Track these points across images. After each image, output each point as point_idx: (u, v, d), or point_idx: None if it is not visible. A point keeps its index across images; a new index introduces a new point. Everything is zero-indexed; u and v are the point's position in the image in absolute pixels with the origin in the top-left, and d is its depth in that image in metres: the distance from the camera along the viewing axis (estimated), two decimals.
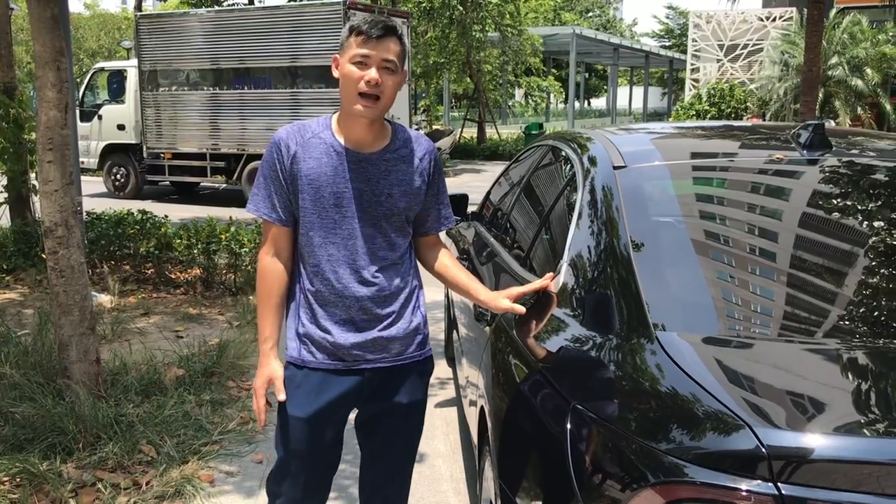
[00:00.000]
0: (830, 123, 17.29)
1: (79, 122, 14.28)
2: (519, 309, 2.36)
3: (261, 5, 17.68)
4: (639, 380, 1.82)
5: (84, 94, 15.28)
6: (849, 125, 18.67)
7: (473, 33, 21.09)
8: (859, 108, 19.77)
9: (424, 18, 21.39)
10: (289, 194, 2.21)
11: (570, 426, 1.82)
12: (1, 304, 6.57)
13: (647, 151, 2.91)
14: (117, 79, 15.14)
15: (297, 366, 2.28)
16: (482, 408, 2.62)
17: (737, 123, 3.60)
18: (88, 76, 15.72)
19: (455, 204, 4.36)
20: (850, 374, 1.81)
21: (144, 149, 14.58)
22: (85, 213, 7.30)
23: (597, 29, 45.36)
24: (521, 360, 2.30)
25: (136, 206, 8.17)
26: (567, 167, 2.96)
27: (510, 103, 41.98)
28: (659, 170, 2.67)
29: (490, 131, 25.01)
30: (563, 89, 33.48)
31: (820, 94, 17.17)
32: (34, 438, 3.73)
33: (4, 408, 3.94)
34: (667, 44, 50.09)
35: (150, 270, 7.41)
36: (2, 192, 7.69)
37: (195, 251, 6.99)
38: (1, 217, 7.81)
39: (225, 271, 7.07)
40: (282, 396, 2.26)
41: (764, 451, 1.46)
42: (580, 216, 2.48)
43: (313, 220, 2.20)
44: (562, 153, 3.14)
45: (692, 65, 24.46)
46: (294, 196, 2.21)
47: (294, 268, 2.30)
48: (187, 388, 4.50)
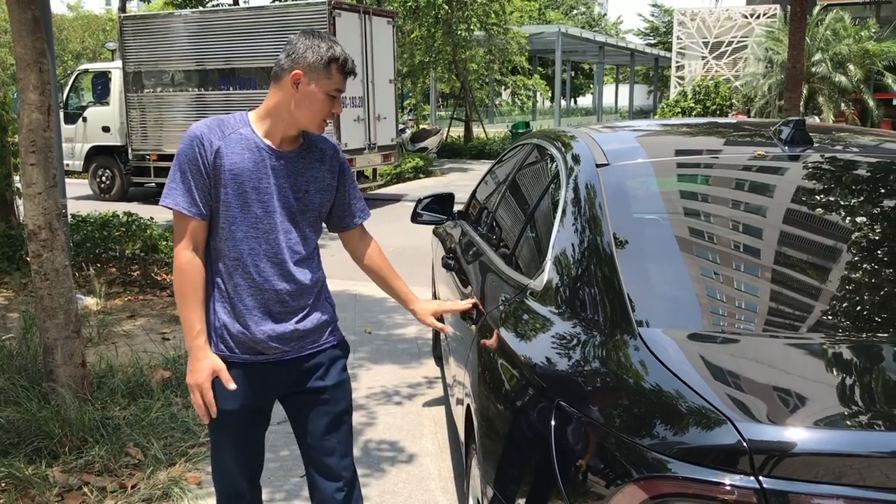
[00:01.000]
0: (815, 120, 17.39)
1: (63, 125, 14.23)
2: (442, 327, 2.71)
3: (245, 6, 17.64)
4: (622, 376, 1.83)
5: (68, 96, 15.18)
6: (833, 121, 18.77)
7: (459, 32, 21.07)
8: (843, 105, 19.86)
9: (410, 17, 21.35)
10: (210, 189, 2.24)
11: (554, 423, 1.83)
12: None
13: (630, 149, 2.92)
14: (102, 80, 15.05)
15: None
16: (468, 406, 2.63)
17: (720, 120, 3.63)
18: (72, 78, 15.62)
19: (441, 203, 4.37)
20: (832, 369, 1.82)
21: (130, 151, 14.49)
22: (70, 216, 7.26)
23: (582, 27, 45.38)
24: (506, 358, 2.31)
25: (121, 208, 8.14)
26: (551, 165, 2.97)
27: (497, 102, 42.01)
28: (642, 167, 2.68)
29: (477, 130, 25.01)
30: (549, 88, 33.51)
31: (804, 91, 17.26)
32: (19, 443, 3.71)
33: None
34: (652, 41, 50.20)
35: (137, 272, 7.38)
36: None
37: None
38: None
39: None
40: (232, 385, 2.28)
41: (745, 445, 1.47)
42: (564, 214, 2.49)
43: (236, 214, 2.25)
44: (546, 151, 3.15)
45: (677, 62, 24.53)
46: (215, 190, 2.24)
47: (208, 262, 2.32)
48: (174, 390, 4.49)
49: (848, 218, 2.42)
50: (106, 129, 14.80)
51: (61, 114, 14.21)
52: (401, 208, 12.50)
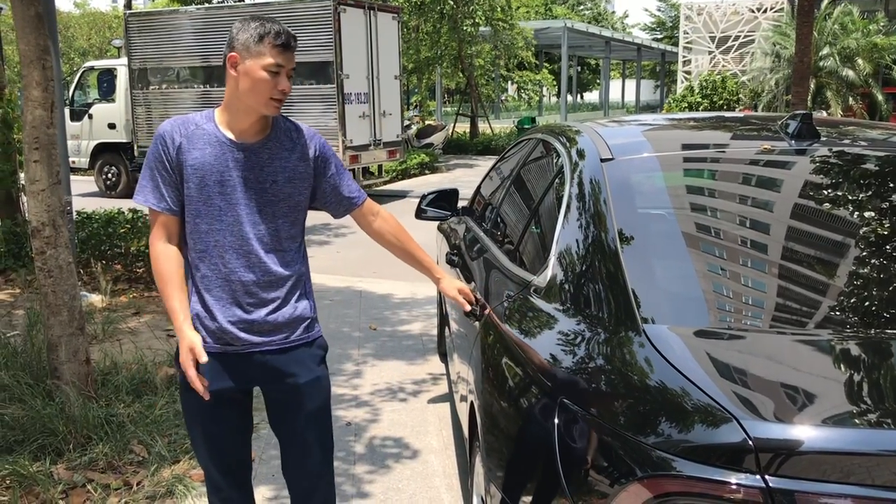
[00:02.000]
0: (821, 114, 17.30)
1: (69, 122, 14.25)
2: (462, 302, 2.64)
3: (250, 2, 17.59)
4: (627, 374, 1.81)
5: (74, 93, 15.21)
6: (840, 116, 18.68)
7: (464, 28, 21.03)
8: (851, 99, 19.78)
9: (415, 13, 21.32)
10: (177, 183, 2.28)
11: (557, 421, 1.81)
12: None
13: (635, 143, 2.90)
14: (107, 77, 15.07)
15: None
16: (472, 403, 2.61)
17: (726, 114, 3.59)
18: (78, 75, 15.64)
19: (445, 199, 4.35)
20: (839, 366, 1.80)
21: (135, 147, 14.51)
22: (75, 213, 7.27)
23: (588, 22, 45.29)
24: (510, 355, 2.29)
25: (127, 205, 8.13)
26: (555, 160, 2.95)
27: (503, 98, 41.94)
28: (647, 162, 2.66)
29: (483, 126, 24.98)
30: (555, 83, 33.43)
31: (811, 85, 17.19)
32: (24, 440, 3.71)
33: None
34: (658, 36, 50.09)
35: (142, 269, 7.38)
36: None
37: None
38: None
39: None
40: (204, 358, 2.26)
41: (751, 443, 1.45)
42: (568, 210, 2.46)
43: (199, 207, 2.28)
44: (550, 146, 3.13)
45: (684, 57, 24.46)
46: (181, 185, 2.28)
47: (183, 253, 2.36)
48: (178, 388, 4.46)
49: (856, 212, 2.39)
50: (112, 126, 14.82)
51: (67, 111, 14.24)
52: (406, 204, 12.48)
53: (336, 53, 12.42)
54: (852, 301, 2.07)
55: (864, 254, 2.23)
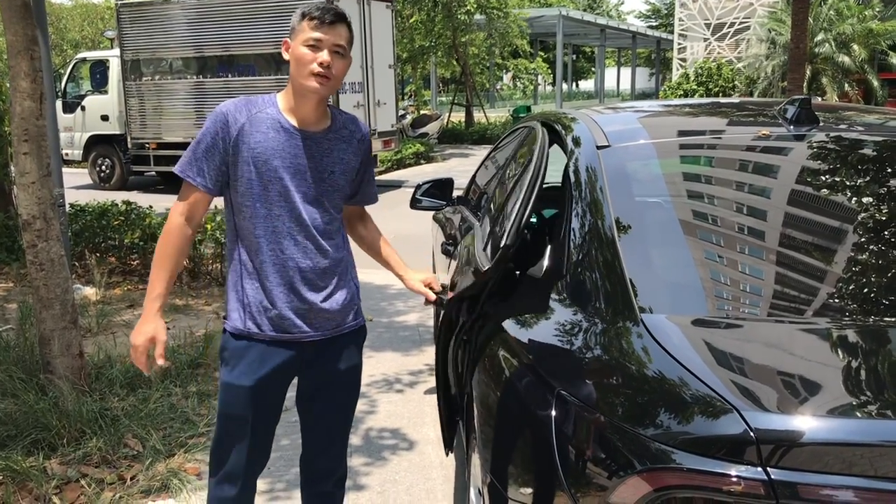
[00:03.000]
0: (817, 100, 17.25)
1: (62, 114, 14.19)
2: (427, 292, 2.57)
3: None
4: (625, 364, 1.78)
5: (66, 84, 15.10)
6: (836, 101, 18.63)
7: (459, 16, 20.92)
8: (846, 85, 19.74)
9: (409, 2, 21.21)
10: (223, 164, 2.28)
11: (554, 412, 1.78)
12: None
13: (632, 130, 2.86)
14: (100, 69, 14.97)
15: (240, 336, 2.35)
16: (468, 395, 2.58)
17: (723, 100, 3.55)
18: (70, 66, 15.53)
19: (440, 188, 4.31)
20: (840, 354, 1.77)
21: (129, 139, 14.40)
22: (68, 205, 7.21)
23: (583, 10, 45.12)
24: (506, 346, 2.26)
25: (121, 197, 8.08)
26: (550, 148, 2.91)
27: (498, 86, 41.81)
28: (644, 148, 2.62)
29: (478, 115, 24.89)
30: (550, 71, 33.33)
31: (807, 72, 17.14)
32: (17, 435, 3.67)
33: None
34: (654, 24, 49.93)
35: (136, 262, 7.34)
36: None
37: None
38: None
39: (211, 261, 7.00)
40: (161, 362, 2.31)
41: (752, 435, 1.42)
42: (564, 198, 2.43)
43: (259, 192, 2.27)
44: (546, 134, 3.08)
45: (679, 44, 24.38)
46: (234, 168, 2.27)
47: (232, 239, 2.37)
48: (173, 381, 4.45)
49: (855, 198, 2.36)
50: (105, 118, 14.74)
51: (59, 103, 14.15)
52: (401, 194, 12.42)
53: None
54: (853, 288, 2.04)
55: (865, 240, 2.20)
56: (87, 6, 38.48)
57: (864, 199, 2.34)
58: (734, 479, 1.41)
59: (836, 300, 2.00)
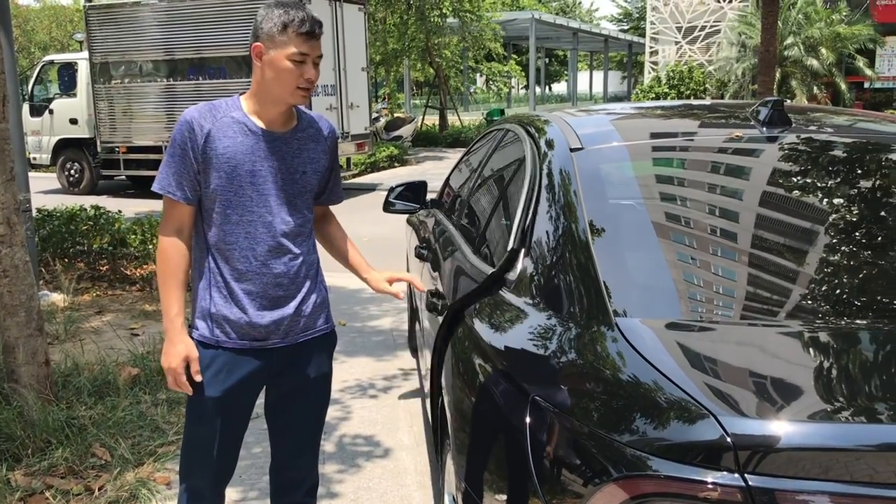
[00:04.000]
0: (788, 102, 17.42)
1: (29, 117, 13.97)
2: (394, 292, 2.51)
3: None
4: (599, 369, 1.75)
5: (34, 87, 14.87)
6: (806, 104, 18.83)
7: (432, 19, 20.90)
8: (815, 88, 19.96)
9: (382, 4, 21.14)
10: (197, 173, 2.22)
11: (529, 419, 1.75)
12: None
13: (605, 133, 2.85)
14: (68, 72, 14.74)
15: (207, 345, 2.29)
16: (442, 400, 2.54)
17: (696, 102, 3.56)
18: (37, 69, 15.29)
19: (414, 191, 4.28)
20: (816, 357, 1.76)
21: (98, 143, 14.19)
22: (36, 210, 7.08)
23: (556, 13, 45.27)
24: (479, 350, 2.23)
25: (90, 201, 7.96)
26: (524, 151, 2.88)
27: (471, 90, 41.83)
28: (617, 151, 2.60)
29: (452, 118, 24.87)
30: (524, 74, 33.41)
31: (777, 75, 17.30)
32: None
33: None
34: (625, 27, 50.23)
35: (105, 267, 7.21)
36: None
37: (150, 246, 6.81)
38: None
39: None
40: (199, 377, 2.27)
41: (729, 440, 1.40)
42: (537, 201, 2.40)
43: (229, 197, 2.22)
44: (519, 137, 3.06)
45: (651, 48, 24.53)
46: (204, 175, 2.22)
47: (200, 246, 2.30)
48: (143, 388, 4.37)
49: (828, 200, 2.35)
50: (73, 122, 14.53)
51: (26, 106, 13.93)
52: (375, 197, 12.37)
53: None
54: (826, 290, 2.03)
55: (838, 242, 2.20)
56: (56, 8, 37.96)
57: (837, 201, 2.34)
58: (711, 486, 1.39)
59: (810, 302, 1.99)
